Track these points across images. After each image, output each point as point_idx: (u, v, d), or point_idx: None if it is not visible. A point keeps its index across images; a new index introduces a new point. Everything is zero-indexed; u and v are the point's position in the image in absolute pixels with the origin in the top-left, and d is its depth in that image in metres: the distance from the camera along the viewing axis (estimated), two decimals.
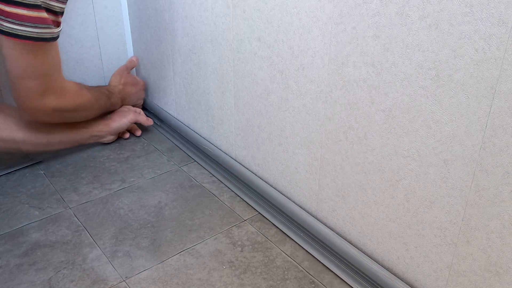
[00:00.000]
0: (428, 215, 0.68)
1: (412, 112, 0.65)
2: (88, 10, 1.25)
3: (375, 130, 0.71)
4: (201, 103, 1.12)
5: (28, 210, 0.99)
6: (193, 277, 0.84)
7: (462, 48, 0.57)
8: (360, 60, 0.70)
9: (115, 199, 1.03)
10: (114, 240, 0.92)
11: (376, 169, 0.74)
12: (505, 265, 0.61)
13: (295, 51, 0.80)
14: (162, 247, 0.90)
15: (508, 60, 0.53)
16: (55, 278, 0.83)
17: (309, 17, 0.75)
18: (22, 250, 0.89)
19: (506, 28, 0.52)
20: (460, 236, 0.65)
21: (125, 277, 0.83)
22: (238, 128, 1.02)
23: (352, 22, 0.69)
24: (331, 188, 0.83)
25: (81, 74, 1.30)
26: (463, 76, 0.58)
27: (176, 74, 1.19)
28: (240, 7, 0.89)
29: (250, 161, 1.02)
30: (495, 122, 0.56)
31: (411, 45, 0.62)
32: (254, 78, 0.92)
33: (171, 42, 1.16)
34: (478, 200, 0.61)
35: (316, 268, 0.86)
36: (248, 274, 0.84)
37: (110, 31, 1.31)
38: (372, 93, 0.70)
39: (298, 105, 0.84)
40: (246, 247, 0.90)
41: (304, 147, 0.86)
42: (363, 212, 0.79)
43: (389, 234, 0.75)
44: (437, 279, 0.70)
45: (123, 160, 1.18)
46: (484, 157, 0.59)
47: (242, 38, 0.91)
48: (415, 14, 0.60)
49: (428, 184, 0.67)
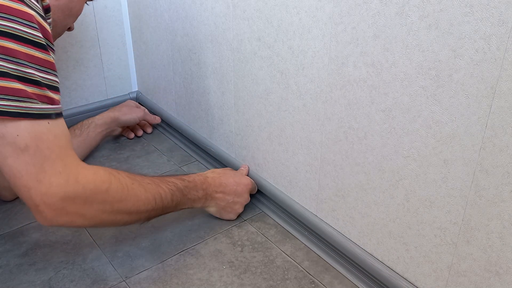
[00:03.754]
0: (428, 215, 0.68)
1: (412, 112, 0.65)
2: (88, 10, 1.25)
3: (375, 130, 0.71)
4: (201, 103, 1.12)
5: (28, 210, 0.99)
6: (193, 277, 0.84)
7: (462, 48, 0.57)
8: (360, 60, 0.70)
9: None
10: (114, 240, 0.92)
11: (376, 169, 0.74)
12: (505, 265, 0.61)
13: (295, 51, 0.80)
14: (162, 247, 0.90)
15: (508, 60, 0.53)
16: (55, 278, 0.83)
17: (309, 17, 0.75)
18: (22, 250, 0.89)
19: (506, 28, 0.52)
20: (460, 236, 0.65)
21: (125, 277, 0.83)
22: (238, 128, 1.02)
23: (352, 22, 0.69)
24: (331, 188, 0.83)
25: (81, 74, 1.31)
26: (463, 76, 0.58)
27: (176, 74, 1.19)
28: (240, 7, 0.89)
29: (250, 161, 1.02)
30: (495, 122, 0.56)
31: (411, 45, 0.62)
32: (254, 78, 0.92)
33: (171, 42, 1.16)
34: (478, 200, 0.61)
35: (316, 268, 0.86)
36: (248, 274, 0.84)
37: (110, 31, 1.31)
38: (372, 93, 0.70)
39: (298, 105, 0.84)
40: (246, 247, 0.90)
41: (304, 147, 0.86)
42: (363, 212, 0.79)
43: (389, 234, 0.75)
44: (437, 279, 0.70)
45: (123, 160, 1.18)
46: (484, 157, 0.59)
47: (242, 38, 0.91)
48: (415, 14, 0.60)
49: (428, 184, 0.67)
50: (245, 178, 0.99)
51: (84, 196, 0.71)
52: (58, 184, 0.68)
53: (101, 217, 0.75)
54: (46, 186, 0.67)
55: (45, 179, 0.67)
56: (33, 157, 0.66)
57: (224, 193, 0.94)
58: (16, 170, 0.67)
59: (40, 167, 0.67)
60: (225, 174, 0.96)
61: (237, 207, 0.96)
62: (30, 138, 0.66)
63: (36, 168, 0.67)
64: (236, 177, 0.97)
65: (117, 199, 0.75)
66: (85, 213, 0.72)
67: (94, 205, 0.73)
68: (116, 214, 0.76)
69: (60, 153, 0.69)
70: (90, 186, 0.71)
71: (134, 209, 0.78)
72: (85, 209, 0.72)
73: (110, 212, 0.75)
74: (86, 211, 0.72)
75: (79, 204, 0.71)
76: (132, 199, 0.77)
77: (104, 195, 0.73)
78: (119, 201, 0.76)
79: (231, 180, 0.95)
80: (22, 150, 0.66)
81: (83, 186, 0.70)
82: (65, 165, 0.69)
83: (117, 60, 1.36)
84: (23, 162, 0.66)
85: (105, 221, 0.77)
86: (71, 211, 0.71)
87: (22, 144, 0.66)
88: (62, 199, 0.69)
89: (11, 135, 0.65)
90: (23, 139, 0.65)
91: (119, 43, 1.34)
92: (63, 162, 0.69)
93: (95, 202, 0.73)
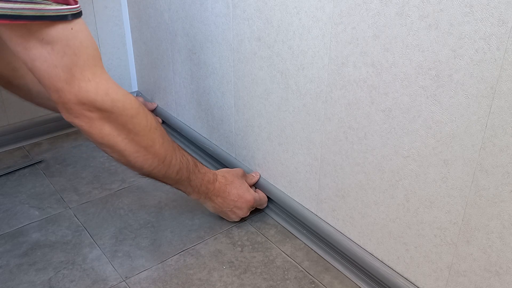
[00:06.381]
0: (428, 215, 0.68)
1: (412, 112, 0.65)
2: (88, 10, 1.25)
3: (375, 130, 0.71)
4: (201, 103, 1.12)
5: (28, 210, 0.99)
6: (193, 277, 0.84)
7: (462, 48, 0.57)
8: (360, 60, 0.70)
9: (115, 199, 1.03)
10: (114, 240, 0.92)
11: (376, 169, 0.74)
12: (505, 265, 0.61)
13: (295, 51, 0.80)
14: (162, 247, 0.90)
15: (508, 60, 0.53)
16: (55, 278, 0.83)
17: (309, 17, 0.75)
18: (22, 250, 0.89)
19: (506, 28, 0.52)
20: (460, 236, 0.65)
21: (125, 277, 0.83)
22: (238, 128, 1.02)
23: (352, 22, 0.69)
24: (331, 188, 0.83)
25: None
26: (463, 76, 0.58)
27: (176, 74, 1.19)
28: (240, 7, 0.89)
29: (250, 161, 1.02)
30: (495, 122, 0.56)
31: (411, 45, 0.62)
32: (254, 78, 0.92)
33: (171, 42, 1.16)
34: (478, 200, 0.61)
35: (316, 268, 0.86)
36: (248, 274, 0.84)
37: (110, 31, 1.31)
38: (372, 93, 0.70)
39: (298, 105, 0.84)
40: (246, 247, 0.90)
41: (304, 147, 0.86)
42: (363, 212, 0.79)
43: (389, 234, 0.75)
44: (437, 279, 0.70)
45: None
46: (484, 157, 0.59)
47: (242, 38, 0.91)
48: (415, 14, 0.60)
49: (428, 184, 0.67)
50: (249, 194, 0.95)
51: (110, 111, 0.70)
52: (87, 90, 0.68)
53: (114, 140, 0.74)
54: (76, 88, 0.68)
55: (74, 83, 0.67)
56: (61, 60, 0.66)
57: (224, 200, 0.92)
58: (45, 72, 0.66)
59: (69, 72, 0.67)
60: (232, 183, 0.93)
61: (232, 216, 0.95)
62: (55, 42, 0.65)
63: (64, 72, 0.66)
64: (241, 190, 0.94)
65: (136, 131, 0.75)
66: (103, 127, 0.72)
67: (113, 124, 0.72)
68: (127, 144, 0.75)
69: (88, 61, 0.68)
70: (118, 104, 0.71)
71: (143, 152, 0.77)
72: (103, 124, 0.72)
73: (124, 138, 0.74)
74: (104, 126, 0.72)
75: (101, 116, 0.71)
76: (148, 141, 0.76)
77: (127, 119, 0.73)
78: (136, 134, 0.75)
79: (234, 191, 0.93)
80: (49, 53, 0.65)
81: (111, 101, 0.70)
82: (94, 74, 0.69)
83: (117, 60, 1.36)
84: (51, 65, 0.66)
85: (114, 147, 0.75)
86: (93, 117, 0.71)
87: (48, 47, 0.65)
88: (87, 104, 0.69)
89: (36, 38, 0.64)
90: (48, 42, 0.64)
91: (119, 43, 1.34)
92: (92, 71, 0.68)
93: (116, 122, 0.72)
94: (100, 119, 0.71)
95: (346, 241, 0.83)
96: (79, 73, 0.67)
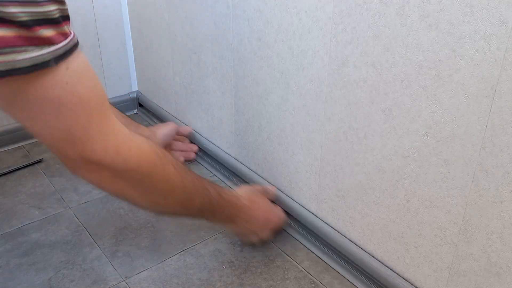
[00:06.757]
0: (428, 215, 0.68)
1: (412, 112, 0.65)
2: (88, 10, 1.25)
3: (375, 130, 0.71)
4: (201, 103, 1.12)
5: (28, 210, 0.99)
6: (193, 277, 0.84)
7: (462, 48, 0.57)
8: (360, 60, 0.70)
9: (115, 199, 1.03)
10: (114, 240, 0.92)
11: (376, 169, 0.74)
12: (505, 265, 0.61)
13: (295, 51, 0.80)
14: (162, 247, 0.90)
15: (508, 60, 0.53)
16: (55, 278, 0.83)
17: (309, 17, 0.75)
18: (22, 250, 0.89)
19: (506, 28, 0.52)
20: (460, 236, 0.65)
21: (125, 277, 0.83)
22: (238, 128, 1.02)
23: (352, 22, 0.69)
24: (331, 188, 0.83)
25: None
26: (463, 76, 0.58)
27: (176, 74, 1.19)
28: (240, 7, 0.89)
29: (250, 161, 1.02)
30: (495, 122, 0.56)
31: (411, 45, 0.62)
32: (254, 78, 0.92)
33: (171, 42, 1.16)
34: (478, 200, 0.61)
35: (316, 268, 0.86)
36: (248, 274, 0.84)
37: (110, 31, 1.31)
38: (372, 93, 0.70)
39: (298, 105, 0.84)
40: (246, 247, 0.90)
41: (304, 147, 0.86)
42: (363, 212, 0.79)
43: (389, 234, 0.75)
44: (437, 279, 0.70)
45: None
46: (484, 157, 0.59)
47: (242, 38, 0.91)
48: (415, 14, 0.60)
49: (428, 184, 0.67)
50: (275, 215, 0.89)
51: (122, 170, 0.61)
52: (93, 150, 0.57)
53: (129, 193, 0.65)
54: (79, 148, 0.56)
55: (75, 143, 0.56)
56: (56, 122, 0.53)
57: (249, 225, 0.85)
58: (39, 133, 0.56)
59: (67, 132, 0.55)
60: (256, 204, 0.86)
61: (253, 238, 0.88)
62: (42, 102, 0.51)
63: (62, 132, 0.55)
64: (268, 213, 0.88)
65: (153, 185, 0.66)
66: (115, 182, 0.63)
67: (127, 182, 0.63)
68: (143, 197, 0.67)
69: (90, 116, 0.55)
70: (132, 162, 0.61)
71: (162, 201, 0.69)
72: (115, 181, 0.62)
73: (141, 194, 0.66)
74: (116, 182, 0.63)
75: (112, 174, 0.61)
76: (167, 191, 0.69)
77: (142, 177, 0.64)
78: (154, 187, 0.66)
79: (262, 216, 0.86)
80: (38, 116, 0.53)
81: (124, 160, 0.60)
82: (101, 131, 0.57)
83: (117, 60, 1.36)
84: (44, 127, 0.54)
85: (128, 200, 0.68)
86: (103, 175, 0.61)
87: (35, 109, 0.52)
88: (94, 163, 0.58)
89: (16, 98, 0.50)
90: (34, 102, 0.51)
91: (119, 43, 1.34)
92: (98, 128, 0.57)
93: (131, 179, 0.63)
94: (111, 177, 0.62)
95: (346, 241, 0.83)
96: (81, 133, 0.55)
